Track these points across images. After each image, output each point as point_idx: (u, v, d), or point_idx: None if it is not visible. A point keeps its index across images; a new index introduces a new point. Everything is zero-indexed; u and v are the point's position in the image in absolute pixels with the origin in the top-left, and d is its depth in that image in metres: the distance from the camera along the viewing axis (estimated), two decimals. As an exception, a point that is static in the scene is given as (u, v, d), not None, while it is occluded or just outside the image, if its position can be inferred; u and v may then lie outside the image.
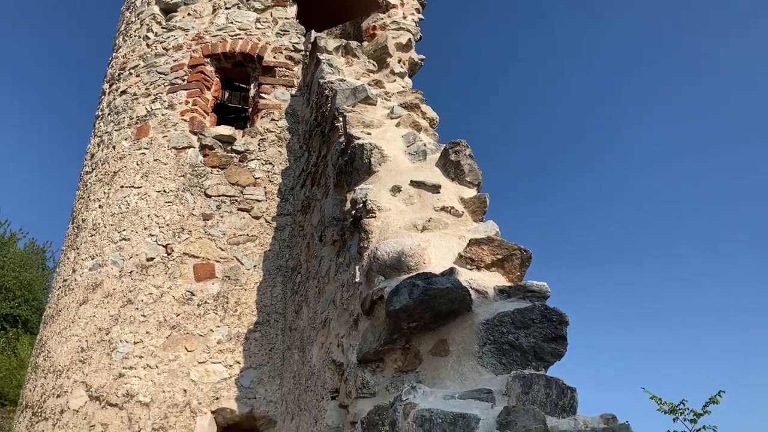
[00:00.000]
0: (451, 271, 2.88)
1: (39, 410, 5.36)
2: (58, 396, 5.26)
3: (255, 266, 5.74)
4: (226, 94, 7.40)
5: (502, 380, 2.58)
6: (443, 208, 3.43)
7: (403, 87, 5.50)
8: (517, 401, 2.42)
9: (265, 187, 6.17)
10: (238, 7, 7.18)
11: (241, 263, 5.74)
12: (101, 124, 7.22)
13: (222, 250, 5.75)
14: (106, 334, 5.36)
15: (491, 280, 3.03)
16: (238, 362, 5.27)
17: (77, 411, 5.09)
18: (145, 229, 5.83)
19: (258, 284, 5.68)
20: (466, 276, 2.97)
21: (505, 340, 2.74)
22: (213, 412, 5.06)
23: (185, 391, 5.07)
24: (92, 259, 5.91)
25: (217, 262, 5.69)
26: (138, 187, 6.12)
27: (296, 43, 6.98)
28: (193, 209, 5.92)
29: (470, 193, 3.57)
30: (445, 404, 2.46)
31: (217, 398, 5.10)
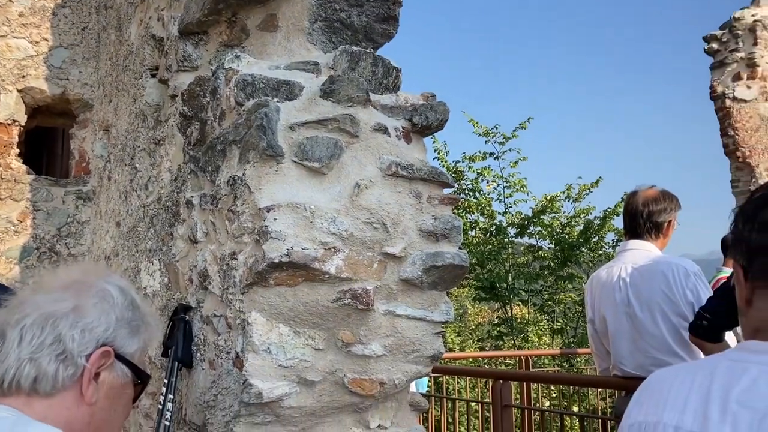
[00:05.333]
0: (285, -62, 2.62)
1: None
2: None
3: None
4: None
5: (330, 57, 2.53)
6: None
7: None
8: (343, 74, 2.40)
9: None
10: None
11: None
12: None
13: None
14: None
15: (328, -46, 2.82)
16: (46, 39, 4.76)
17: None
18: None
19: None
20: (302, -54, 2.73)
21: (336, 18, 2.64)
22: (19, 91, 4.65)
23: (-17, 65, 4.56)
24: None
25: None
26: None
27: None
28: None
29: None
30: (270, 72, 2.39)
31: (24, 76, 4.66)
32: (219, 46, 2.81)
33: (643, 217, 3.06)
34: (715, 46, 10.03)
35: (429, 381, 6.13)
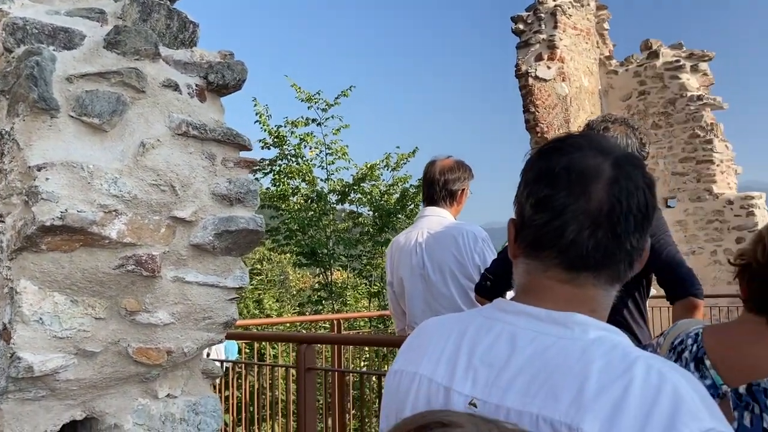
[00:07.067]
0: None
1: None
2: None
3: None
4: None
5: (119, 5, 2.34)
6: None
7: None
8: (132, 25, 2.24)
9: None
10: None
11: None
12: None
13: None
14: None
15: None
16: None
17: None
18: None
19: None
20: None
21: (129, -36, 2.45)
22: None
23: None
24: None
25: None
26: None
27: None
28: None
29: None
30: (47, 18, 2.16)
31: None
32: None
33: (439, 185, 3.21)
34: (521, 26, 10.74)
35: (240, 347, 6.07)
